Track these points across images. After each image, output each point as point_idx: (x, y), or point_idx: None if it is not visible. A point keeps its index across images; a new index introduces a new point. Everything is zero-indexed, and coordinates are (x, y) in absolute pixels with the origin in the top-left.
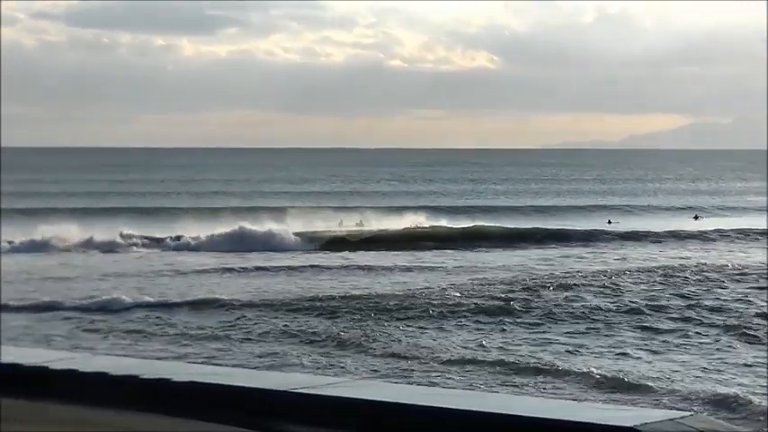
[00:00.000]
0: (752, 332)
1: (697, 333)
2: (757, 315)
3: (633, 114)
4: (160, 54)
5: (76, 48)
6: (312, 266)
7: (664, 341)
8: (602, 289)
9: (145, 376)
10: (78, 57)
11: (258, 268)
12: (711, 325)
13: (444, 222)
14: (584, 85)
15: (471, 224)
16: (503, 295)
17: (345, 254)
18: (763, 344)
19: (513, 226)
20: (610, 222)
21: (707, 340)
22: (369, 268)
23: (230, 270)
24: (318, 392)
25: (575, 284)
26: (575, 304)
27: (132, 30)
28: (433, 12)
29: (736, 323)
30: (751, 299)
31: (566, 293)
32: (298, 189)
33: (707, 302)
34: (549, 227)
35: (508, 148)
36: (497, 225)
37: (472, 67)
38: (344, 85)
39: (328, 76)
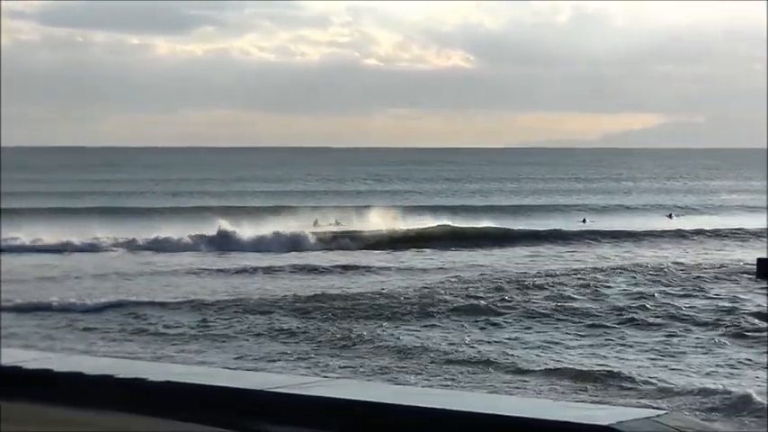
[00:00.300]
0: (738, 330)
1: (679, 331)
2: (740, 313)
3: (608, 113)
4: (135, 53)
5: (50, 47)
6: (291, 266)
7: (645, 339)
8: (579, 288)
9: (121, 376)
10: (52, 56)
11: (238, 271)
12: (695, 323)
13: (422, 222)
14: (560, 85)
15: (446, 224)
16: (483, 294)
17: (320, 254)
18: (748, 340)
19: (487, 225)
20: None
21: (689, 337)
22: (350, 268)
23: (207, 270)
24: (296, 392)
25: (554, 283)
26: (554, 303)
27: (107, 29)
28: (408, 11)
29: (720, 321)
30: (733, 296)
31: (545, 292)
32: (273, 188)
33: (687, 300)
34: (521, 227)
35: (485, 147)
36: (471, 226)
37: (448, 66)
38: (320, 85)
39: (304, 75)
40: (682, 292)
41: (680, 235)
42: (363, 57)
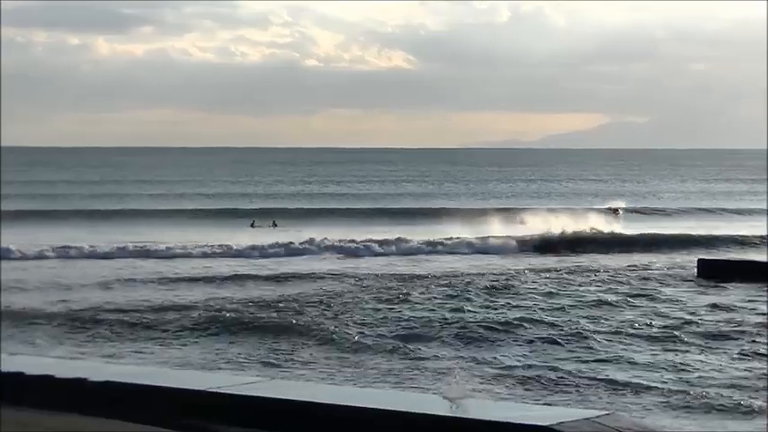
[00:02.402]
0: (686, 330)
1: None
2: (684, 313)
3: (551, 113)
4: (76, 53)
5: None
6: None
7: (593, 342)
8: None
9: (60, 376)
10: None
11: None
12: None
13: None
14: (502, 85)
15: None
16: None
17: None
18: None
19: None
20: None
21: (636, 339)
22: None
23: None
24: (237, 392)
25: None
26: (491, 302)
27: (48, 28)
28: (348, 11)
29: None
30: (676, 297)
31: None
32: (212, 191)
33: (637, 300)
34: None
35: (427, 148)
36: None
37: (389, 67)
38: (261, 85)
39: (245, 76)
40: (631, 292)
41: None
42: (304, 57)
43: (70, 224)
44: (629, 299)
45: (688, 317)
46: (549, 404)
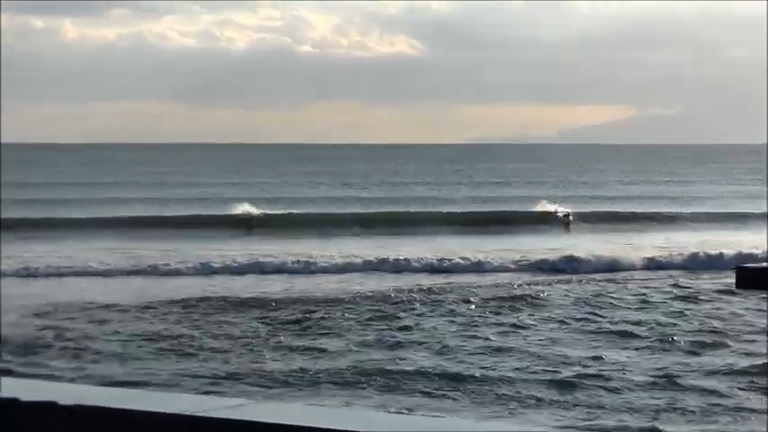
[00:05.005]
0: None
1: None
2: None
3: (570, 105)
4: (39, 38)
5: None
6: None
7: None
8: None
9: (26, 399)
10: None
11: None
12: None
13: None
14: (516, 73)
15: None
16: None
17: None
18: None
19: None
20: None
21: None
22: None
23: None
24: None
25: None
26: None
27: (7, 10)
28: None
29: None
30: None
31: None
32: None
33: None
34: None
35: (432, 144)
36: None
37: (391, 54)
38: (249, 74)
39: (230, 64)
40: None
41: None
42: (296, 43)
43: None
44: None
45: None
46: None
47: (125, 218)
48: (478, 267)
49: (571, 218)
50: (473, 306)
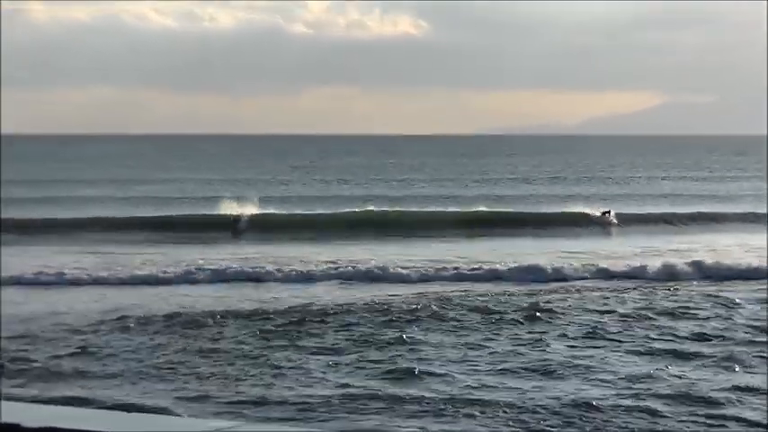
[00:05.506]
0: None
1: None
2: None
3: (593, 92)
4: (5, 19)
5: None
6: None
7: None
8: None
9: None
10: None
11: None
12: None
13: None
14: (533, 57)
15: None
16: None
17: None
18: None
19: None
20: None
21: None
22: None
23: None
24: None
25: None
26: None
27: None
28: None
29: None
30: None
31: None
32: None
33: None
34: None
35: (439, 135)
36: None
37: (393, 35)
38: (235, 58)
39: (215, 46)
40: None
41: None
42: (288, 22)
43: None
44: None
45: None
46: None
47: (91, 219)
48: (556, 275)
49: (612, 217)
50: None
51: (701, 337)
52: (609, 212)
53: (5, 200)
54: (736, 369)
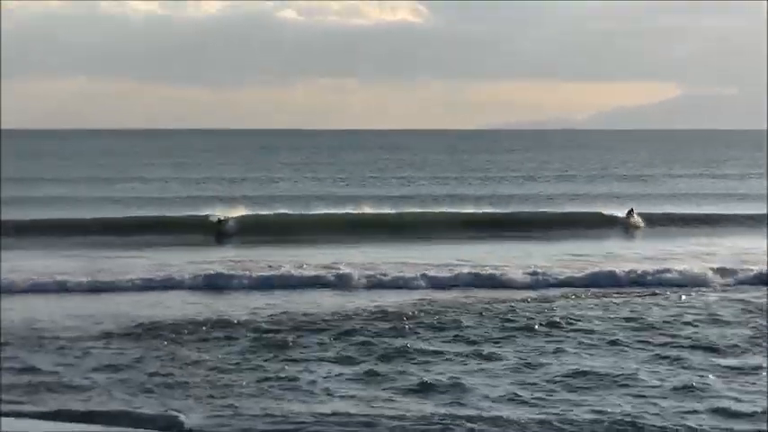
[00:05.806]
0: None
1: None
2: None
3: (604, 83)
4: None
5: None
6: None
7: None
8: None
9: None
10: None
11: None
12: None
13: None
14: (539, 45)
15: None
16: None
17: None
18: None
19: None
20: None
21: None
22: None
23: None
24: None
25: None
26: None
27: None
28: None
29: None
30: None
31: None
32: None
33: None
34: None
35: (444, 129)
36: None
37: (392, 22)
38: (221, 46)
39: (199, 34)
40: None
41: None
42: (278, 8)
43: None
44: None
45: None
46: None
47: (67, 221)
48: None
49: (636, 218)
50: None
51: None
52: (632, 212)
53: None
54: None
